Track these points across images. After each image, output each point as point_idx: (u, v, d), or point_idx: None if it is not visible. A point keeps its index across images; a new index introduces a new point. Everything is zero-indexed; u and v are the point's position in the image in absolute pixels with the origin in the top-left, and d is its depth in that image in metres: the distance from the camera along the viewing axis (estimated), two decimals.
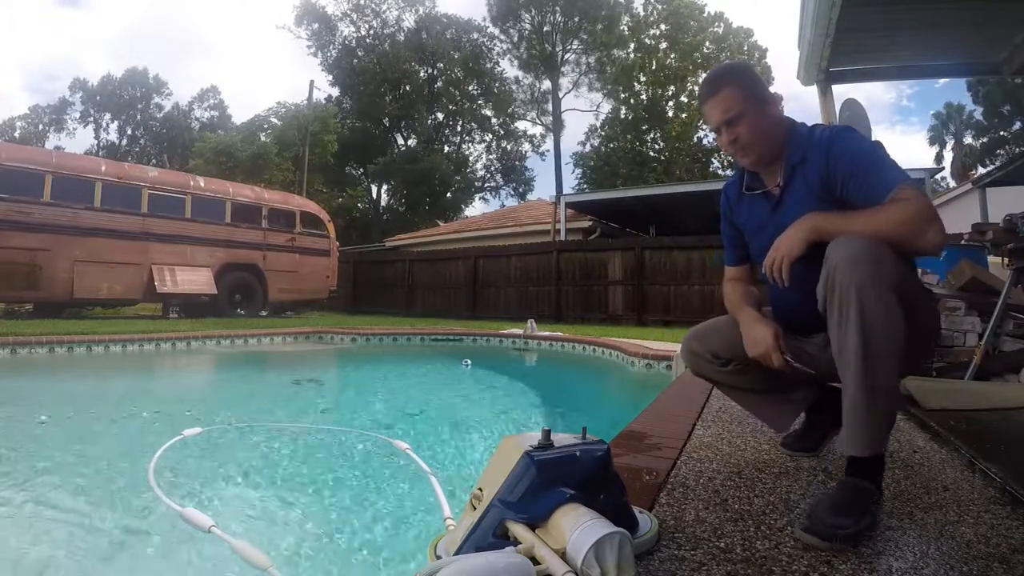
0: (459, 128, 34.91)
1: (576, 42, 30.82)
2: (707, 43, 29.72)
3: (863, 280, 1.04)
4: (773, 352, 1.28)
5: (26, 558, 1.50)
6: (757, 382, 1.46)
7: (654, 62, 29.80)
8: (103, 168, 9.28)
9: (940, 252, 1.16)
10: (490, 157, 35.30)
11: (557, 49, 30.74)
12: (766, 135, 1.30)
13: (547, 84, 31.64)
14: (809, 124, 1.35)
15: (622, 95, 30.51)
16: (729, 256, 1.57)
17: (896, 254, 1.08)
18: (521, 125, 34.58)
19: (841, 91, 4.06)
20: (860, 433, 1.07)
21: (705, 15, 30.04)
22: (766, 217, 1.37)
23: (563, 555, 0.78)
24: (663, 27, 30.16)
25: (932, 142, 32.80)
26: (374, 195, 32.58)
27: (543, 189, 61.96)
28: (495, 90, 32.96)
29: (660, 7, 29.94)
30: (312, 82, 21.65)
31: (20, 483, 2.08)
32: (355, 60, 31.35)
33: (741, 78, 1.30)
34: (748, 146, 1.29)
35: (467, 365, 5.62)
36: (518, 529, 0.83)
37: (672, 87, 30.25)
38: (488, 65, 32.70)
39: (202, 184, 10.53)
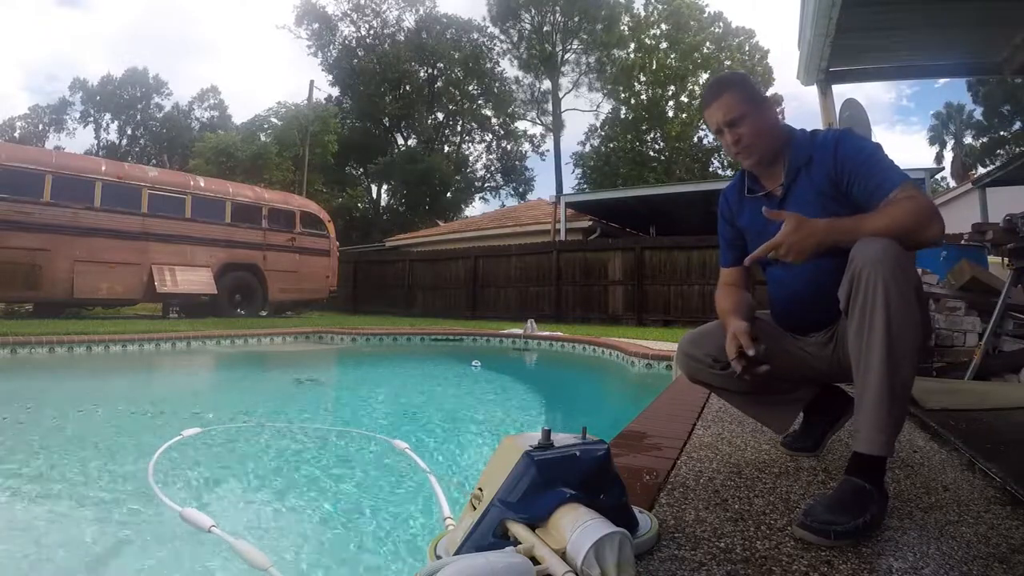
0: (459, 128, 34.93)
1: (576, 42, 30.81)
2: (707, 43, 29.73)
3: (888, 280, 1.06)
4: (742, 336, 1.26)
5: (25, 558, 1.50)
6: (755, 384, 1.46)
7: (654, 62, 29.79)
8: (103, 168, 9.28)
9: (941, 244, 1.21)
10: (490, 157, 35.38)
11: (557, 49, 30.72)
12: (767, 136, 1.36)
13: (547, 84, 31.68)
14: (809, 124, 1.41)
15: (622, 95, 30.52)
16: (725, 256, 1.57)
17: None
18: (521, 125, 34.68)
19: (841, 91, 4.06)
20: (882, 431, 1.07)
21: (705, 15, 30.05)
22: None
23: (563, 555, 0.78)
24: (663, 27, 30.17)
25: (932, 142, 32.89)
26: (374, 195, 32.59)
27: (543, 189, 61.93)
28: (495, 90, 32.97)
29: (660, 7, 29.94)
30: (312, 82, 21.68)
31: (19, 483, 2.08)
32: (355, 60, 31.33)
33: (740, 84, 1.38)
34: (750, 146, 1.35)
35: (476, 366, 5.57)
36: (518, 529, 0.83)
37: (672, 87, 30.26)
38: (488, 65, 32.71)
39: (202, 184, 10.52)
